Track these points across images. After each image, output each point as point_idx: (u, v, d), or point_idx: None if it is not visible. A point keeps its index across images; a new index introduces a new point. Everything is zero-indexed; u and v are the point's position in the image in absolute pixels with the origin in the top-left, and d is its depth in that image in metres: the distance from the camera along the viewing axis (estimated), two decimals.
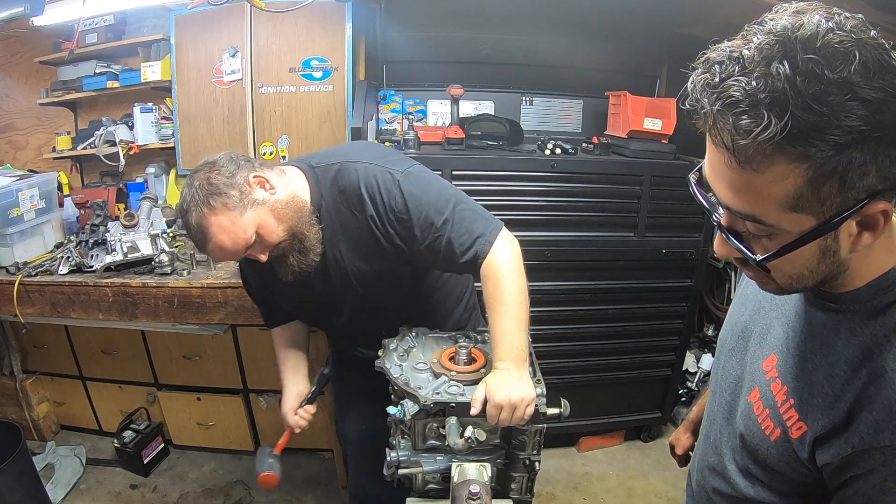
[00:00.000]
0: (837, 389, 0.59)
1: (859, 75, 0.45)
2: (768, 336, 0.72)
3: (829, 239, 0.53)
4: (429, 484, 1.18)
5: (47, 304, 1.86)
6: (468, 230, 1.17)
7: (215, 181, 1.12)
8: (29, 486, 1.98)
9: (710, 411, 0.86)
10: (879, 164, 0.47)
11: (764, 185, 0.50)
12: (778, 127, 0.45)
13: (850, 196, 0.49)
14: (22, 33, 2.44)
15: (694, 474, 0.91)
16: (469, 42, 2.43)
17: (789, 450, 0.65)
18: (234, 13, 2.25)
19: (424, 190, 1.17)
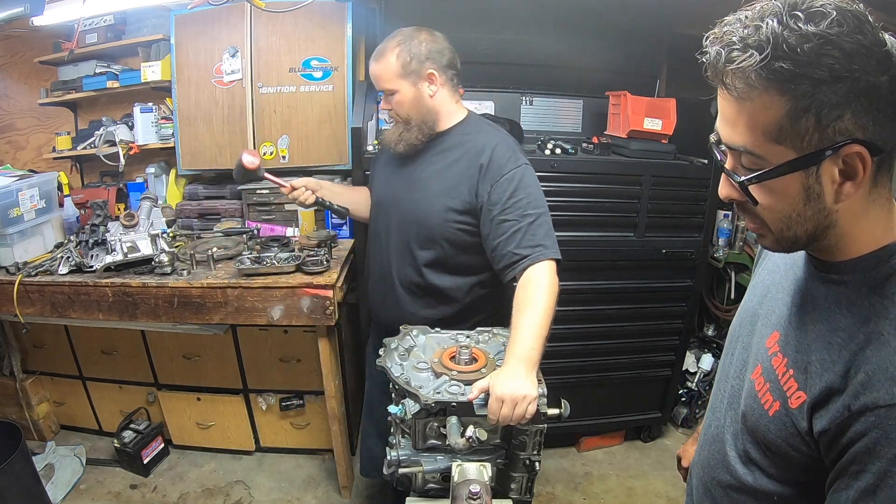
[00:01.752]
0: (835, 355, 0.61)
1: (835, 29, 0.52)
2: (773, 315, 0.75)
3: (811, 178, 0.58)
4: (429, 483, 1.18)
5: (47, 304, 1.86)
6: (540, 237, 1.36)
7: (411, 47, 1.44)
8: (29, 486, 1.98)
9: (713, 402, 0.88)
10: (854, 110, 0.53)
11: (751, 114, 0.57)
12: (758, 58, 0.54)
13: (828, 136, 0.55)
14: (22, 33, 2.44)
15: (694, 470, 0.93)
16: (469, 42, 2.42)
17: (788, 424, 0.66)
18: (234, 13, 2.25)
19: (534, 186, 1.40)
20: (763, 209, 0.63)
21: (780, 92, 0.55)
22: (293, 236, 2.17)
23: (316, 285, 1.84)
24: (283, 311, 1.84)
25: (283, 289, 1.83)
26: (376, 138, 2.20)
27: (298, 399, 2.32)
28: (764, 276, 0.82)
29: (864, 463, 0.58)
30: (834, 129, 0.55)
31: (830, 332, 0.63)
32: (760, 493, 0.73)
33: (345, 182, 2.41)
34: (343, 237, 2.27)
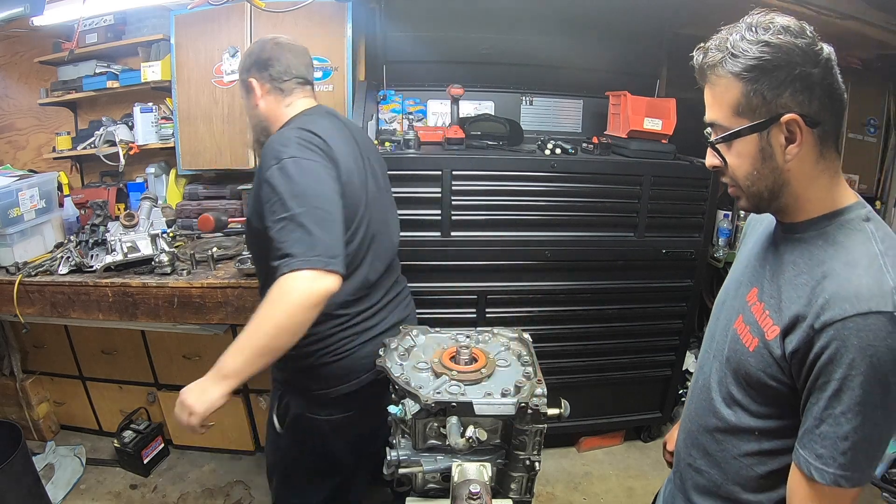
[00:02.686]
0: (800, 291, 0.77)
1: (775, 37, 0.73)
2: (752, 277, 0.91)
3: (763, 141, 0.77)
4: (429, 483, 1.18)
5: (47, 304, 1.86)
6: (288, 244, 1.11)
7: (241, 61, 1.43)
8: (29, 486, 1.98)
9: (701, 360, 1.01)
10: (792, 90, 0.73)
11: (719, 96, 0.79)
12: (719, 55, 0.76)
13: (773, 108, 0.75)
14: (22, 33, 2.44)
15: (682, 427, 1.05)
16: (469, 42, 2.43)
17: (766, 355, 0.80)
18: (234, 13, 2.25)
19: (291, 181, 1.15)
20: (733, 169, 0.82)
21: (737, 79, 0.75)
22: None
23: None
24: None
25: None
26: (376, 138, 2.20)
27: None
28: (745, 250, 0.99)
29: (829, 373, 0.71)
30: (776, 104, 0.74)
31: (796, 276, 0.79)
32: (742, 430, 0.86)
33: None
34: None
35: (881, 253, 0.72)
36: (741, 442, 0.87)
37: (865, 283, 0.70)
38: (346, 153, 1.29)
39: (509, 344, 1.38)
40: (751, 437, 0.86)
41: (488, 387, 1.17)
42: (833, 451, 0.72)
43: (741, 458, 0.88)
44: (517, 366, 1.28)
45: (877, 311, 0.68)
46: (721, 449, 0.91)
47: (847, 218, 0.78)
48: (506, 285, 2.20)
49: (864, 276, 0.71)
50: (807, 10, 2.04)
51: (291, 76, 1.39)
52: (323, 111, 1.41)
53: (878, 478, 2.38)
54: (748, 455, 0.86)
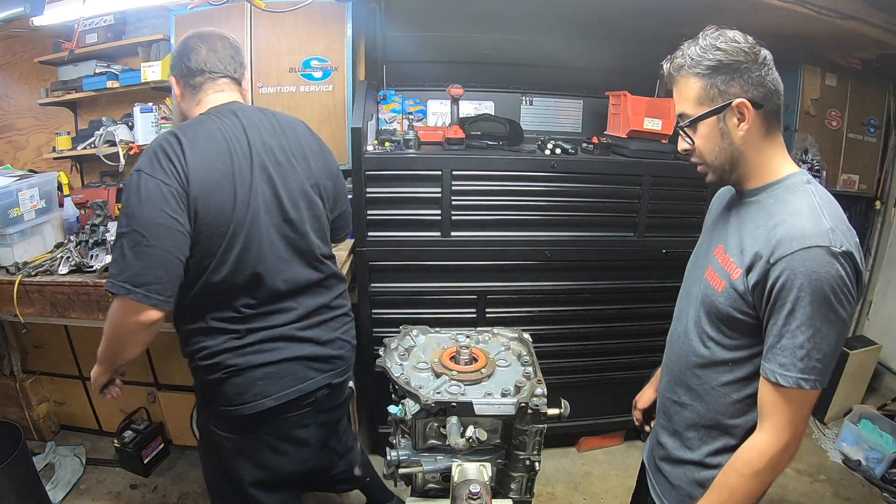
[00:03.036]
0: (758, 238, 0.96)
1: (724, 44, 0.96)
2: (717, 237, 1.10)
3: (721, 123, 0.98)
4: (429, 483, 1.18)
5: (47, 304, 1.86)
6: (112, 267, 1.13)
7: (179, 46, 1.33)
8: (29, 486, 1.98)
9: (677, 312, 1.20)
10: (739, 82, 0.95)
11: (684, 90, 1.00)
12: (684, 61, 0.98)
13: (726, 96, 0.96)
14: (22, 33, 2.44)
15: (664, 373, 1.22)
16: (469, 42, 2.43)
17: (732, 292, 0.99)
18: (234, 13, 2.25)
19: (128, 199, 1.13)
20: (699, 147, 1.02)
21: (698, 77, 0.98)
22: None
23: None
24: None
25: None
26: (376, 138, 2.20)
27: None
28: (710, 220, 1.20)
29: (784, 297, 0.90)
30: (728, 93, 0.96)
31: (754, 229, 0.98)
32: (718, 363, 1.04)
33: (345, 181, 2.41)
34: None
35: (819, 206, 0.92)
36: (718, 374, 1.05)
37: (808, 226, 0.89)
38: (212, 166, 1.17)
39: (509, 344, 1.38)
40: (725, 368, 1.04)
41: (488, 387, 1.17)
42: (793, 359, 0.90)
43: (719, 388, 1.05)
44: (517, 366, 1.28)
45: (817, 245, 0.87)
46: (702, 383, 1.08)
47: (792, 182, 0.98)
48: (506, 285, 2.20)
49: (806, 222, 0.90)
50: (807, 10, 2.04)
51: (204, 71, 1.28)
52: (227, 110, 1.27)
53: (878, 478, 2.38)
54: (725, 385, 1.04)
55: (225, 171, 1.18)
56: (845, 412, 2.75)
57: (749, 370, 1.01)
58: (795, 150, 2.69)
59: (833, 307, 0.87)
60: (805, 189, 0.96)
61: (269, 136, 1.28)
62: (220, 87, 1.31)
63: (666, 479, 1.17)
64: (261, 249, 1.22)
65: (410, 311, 2.17)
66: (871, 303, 3.10)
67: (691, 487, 1.11)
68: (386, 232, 2.11)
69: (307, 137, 1.38)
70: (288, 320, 1.28)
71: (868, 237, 3.05)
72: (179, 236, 1.12)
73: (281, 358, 1.27)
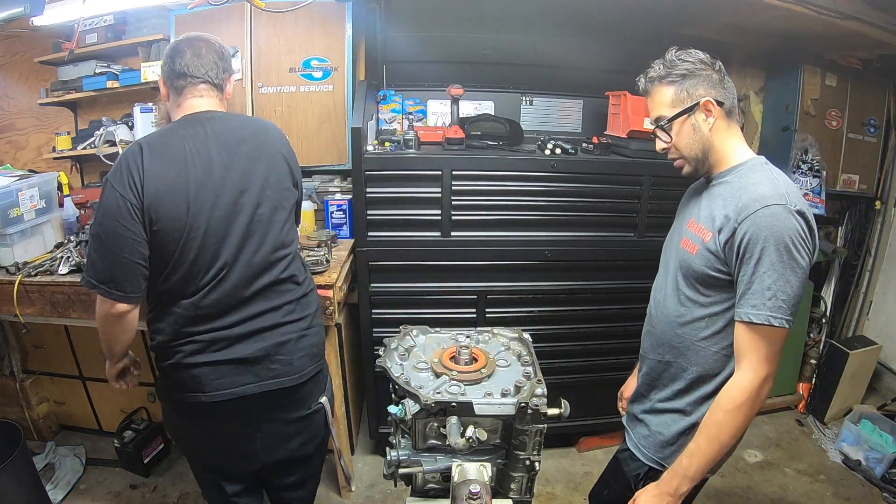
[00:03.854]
0: (726, 207, 1.13)
1: (687, 56, 1.18)
2: (690, 213, 1.27)
3: (692, 119, 1.18)
4: (429, 483, 1.18)
5: (47, 304, 1.86)
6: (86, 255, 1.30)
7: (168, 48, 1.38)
8: (29, 486, 1.98)
9: (657, 284, 1.37)
10: (703, 85, 1.16)
11: (658, 97, 1.21)
12: (658, 74, 1.20)
13: (694, 97, 1.17)
14: (22, 33, 2.44)
15: (647, 340, 1.37)
16: (469, 42, 2.43)
17: (706, 252, 1.15)
18: (234, 13, 2.25)
19: (100, 199, 1.24)
20: (677, 143, 1.21)
21: (670, 85, 1.18)
22: None
23: (316, 285, 1.84)
24: None
25: None
26: (376, 138, 2.20)
27: None
28: (682, 210, 1.36)
29: (751, 249, 1.06)
30: (696, 94, 1.17)
31: (724, 200, 1.15)
32: (696, 320, 1.21)
33: (345, 182, 2.41)
34: (343, 237, 2.27)
35: (775, 177, 1.11)
36: (697, 330, 1.21)
37: (767, 191, 1.07)
38: (168, 176, 1.22)
39: (509, 344, 1.38)
40: (702, 324, 1.20)
41: (488, 387, 1.17)
42: (762, 299, 1.05)
43: (698, 343, 1.21)
44: (517, 366, 1.28)
45: (776, 203, 1.05)
46: (682, 340, 1.23)
47: (752, 163, 1.17)
48: (506, 285, 2.20)
49: (766, 187, 1.08)
50: (807, 10, 2.05)
51: (186, 75, 1.33)
52: (196, 119, 1.31)
53: (878, 478, 2.38)
54: (703, 339, 1.20)
55: (178, 181, 1.23)
56: (845, 412, 2.75)
57: (723, 323, 1.17)
58: (795, 149, 2.68)
59: (793, 255, 1.03)
60: (764, 168, 1.15)
61: (235, 145, 1.31)
62: (200, 93, 1.35)
63: (647, 426, 1.33)
64: (216, 254, 1.27)
65: (410, 311, 2.17)
66: (872, 303, 3.10)
67: (670, 433, 1.27)
68: (386, 232, 2.11)
69: (274, 147, 1.38)
70: (234, 321, 1.31)
71: (868, 237, 3.06)
72: (134, 243, 1.21)
73: (221, 359, 1.30)
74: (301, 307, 1.41)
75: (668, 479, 1.16)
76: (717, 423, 1.11)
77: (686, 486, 1.14)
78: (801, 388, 2.89)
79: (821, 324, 2.88)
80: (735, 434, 1.12)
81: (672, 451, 1.26)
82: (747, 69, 2.85)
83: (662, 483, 1.17)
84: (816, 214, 2.66)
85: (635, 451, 1.35)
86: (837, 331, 3.17)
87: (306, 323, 1.42)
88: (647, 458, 1.32)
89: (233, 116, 1.39)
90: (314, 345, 1.44)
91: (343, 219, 2.28)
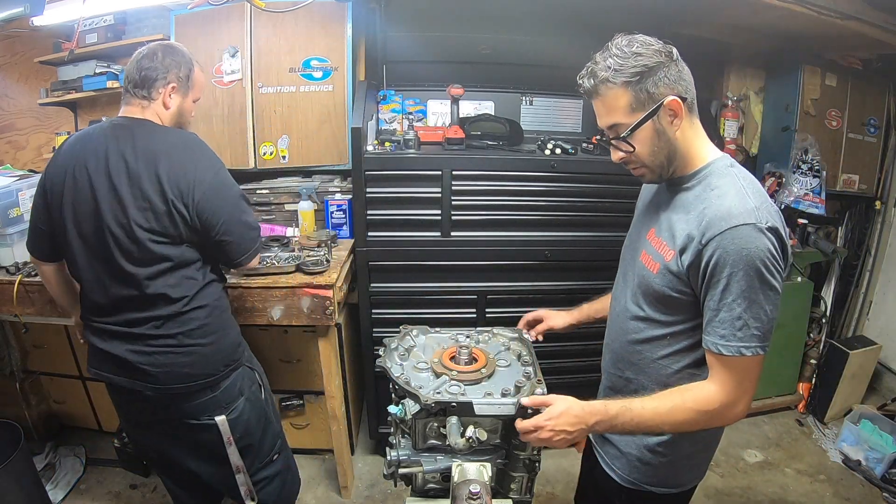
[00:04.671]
0: (690, 221, 1.01)
1: (638, 48, 0.98)
2: (648, 224, 1.15)
3: (656, 123, 1.00)
4: (429, 483, 1.18)
5: (47, 304, 1.86)
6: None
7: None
8: (29, 486, 1.98)
9: (615, 293, 1.27)
10: (663, 81, 0.98)
11: (612, 102, 1.01)
12: (605, 74, 0.99)
13: (655, 97, 0.98)
14: (22, 33, 2.44)
15: (606, 353, 1.27)
16: (469, 42, 2.43)
17: (667, 273, 1.04)
18: (233, 13, 2.25)
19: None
20: (639, 152, 1.04)
21: (625, 87, 0.98)
22: (293, 236, 2.17)
23: (316, 285, 1.84)
24: (283, 311, 1.84)
25: (283, 289, 1.83)
26: (376, 138, 2.20)
27: (298, 399, 2.32)
28: (640, 207, 1.26)
29: (718, 273, 0.94)
30: (657, 92, 0.98)
31: (685, 214, 1.03)
32: (656, 338, 1.10)
33: (345, 182, 2.41)
34: (343, 237, 2.27)
35: (743, 186, 0.98)
36: (657, 348, 1.11)
37: (735, 206, 0.95)
38: (56, 178, 1.36)
39: (509, 344, 1.38)
40: (664, 342, 1.10)
41: (488, 387, 1.17)
42: (732, 329, 0.95)
43: (659, 361, 1.11)
44: (517, 366, 1.28)
45: (744, 223, 0.92)
46: (641, 357, 1.14)
47: (716, 166, 1.04)
48: (506, 285, 2.20)
49: (733, 202, 0.95)
50: (807, 10, 2.04)
51: (125, 83, 1.41)
52: (96, 126, 1.39)
53: (878, 478, 2.38)
54: (664, 357, 1.10)
55: (58, 178, 1.35)
56: (845, 412, 2.75)
57: (687, 343, 1.07)
58: (795, 149, 2.68)
59: (765, 278, 0.93)
60: (729, 172, 1.02)
61: (129, 156, 1.32)
62: (128, 101, 1.42)
63: (616, 447, 1.23)
64: (74, 259, 1.39)
65: (410, 311, 2.17)
66: (872, 303, 3.10)
67: (640, 452, 1.17)
68: (386, 232, 2.11)
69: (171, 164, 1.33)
70: (107, 322, 1.42)
71: (868, 237, 3.05)
72: (37, 216, 1.43)
73: (97, 349, 1.45)
74: (173, 323, 1.40)
75: (592, 411, 1.04)
76: (672, 410, 1.01)
77: (601, 428, 1.06)
78: (801, 388, 2.88)
79: (821, 324, 2.88)
80: (678, 429, 1.06)
81: (647, 470, 1.18)
82: (747, 69, 2.85)
83: (586, 411, 1.04)
84: (816, 214, 2.69)
85: (610, 473, 1.25)
86: (837, 331, 3.17)
87: (179, 342, 1.41)
88: (623, 479, 1.22)
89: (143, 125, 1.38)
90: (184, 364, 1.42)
91: (343, 219, 2.28)
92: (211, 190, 1.36)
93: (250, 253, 1.49)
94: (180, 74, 1.44)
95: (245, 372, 1.56)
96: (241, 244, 1.46)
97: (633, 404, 1.03)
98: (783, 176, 2.71)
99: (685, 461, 1.18)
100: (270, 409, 1.68)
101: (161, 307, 1.38)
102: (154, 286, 1.36)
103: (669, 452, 1.15)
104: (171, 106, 1.44)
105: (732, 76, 2.84)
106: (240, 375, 1.53)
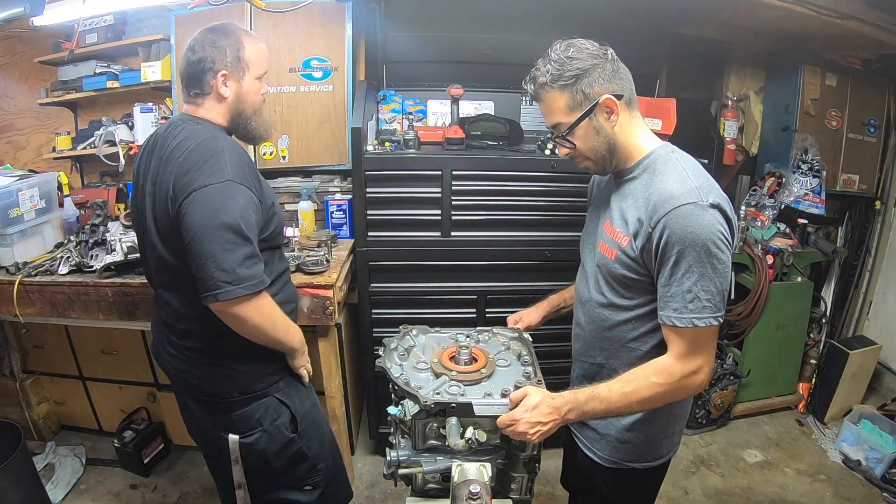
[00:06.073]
0: (639, 207, 1.08)
1: (573, 52, 1.07)
2: (604, 214, 1.22)
3: (594, 121, 1.09)
4: (429, 484, 1.18)
5: (47, 304, 1.86)
6: None
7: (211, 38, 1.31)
8: (29, 486, 1.98)
9: (579, 285, 1.35)
10: (598, 81, 1.07)
11: (552, 104, 1.11)
12: (544, 79, 1.10)
13: (591, 97, 1.07)
14: (22, 33, 2.44)
15: (577, 342, 1.34)
16: (469, 42, 2.42)
17: (624, 257, 1.11)
18: (234, 13, 2.25)
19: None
20: (581, 148, 1.13)
21: (562, 90, 1.08)
22: (293, 236, 2.17)
23: (316, 285, 1.84)
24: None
25: None
26: (376, 138, 2.20)
27: None
28: (594, 202, 1.35)
29: (668, 252, 1.01)
30: (592, 93, 1.07)
31: (634, 202, 1.11)
32: (622, 322, 1.17)
33: (345, 182, 2.41)
34: (343, 237, 2.27)
35: (684, 168, 1.06)
36: (624, 332, 1.18)
37: (676, 188, 1.02)
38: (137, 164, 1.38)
39: (509, 344, 1.38)
40: (629, 325, 1.16)
41: (488, 387, 1.17)
42: (683, 302, 1.02)
43: (627, 344, 1.18)
44: (517, 366, 1.28)
45: (687, 202, 0.99)
46: (611, 343, 1.21)
47: (658, 154, 1.11)
48: (506, 285, 2.20)
49: (674, 185, 1.03)
50: (807, 10, 2.04)
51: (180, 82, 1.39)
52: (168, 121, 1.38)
53: (878, 478, 2.38)
54: (632, 340, 1.17)
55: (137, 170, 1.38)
56: (845, 412, 2.75)
57: (650, 324, 1.14)
58: (795, 150, 2.68)
59: (711, 252, 0.99)
60: (671, 158, 1.09)
61: (159, 152, 1.28)
62: (185, 98, 1.36)
63: (595, 430, 1.27)
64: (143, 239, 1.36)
65: (410, 311, 2.17)
66: (872, 303, 3.10)
67: (619, 433, 1.22)
68: (386, 232, 2.11)
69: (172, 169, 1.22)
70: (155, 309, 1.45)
71: (868, 237, 3.06)
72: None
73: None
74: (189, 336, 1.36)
75: (564, 401, 1.07)
76: (637, 388, 1.06)
77: (573, 417, 1.08)
78: (801, 388, 2.88)
79: (821, 324, 2.88)
80: (647, 406, 1.10)
81: (626, 448, 1.23)
82: (747, 69, 2.85)
83: (558, 400, 1.06)
84: (816, 214, 2.70)
85: (591, 455, 1.29)
86: (837, 331, 3.17)
87: (201, 352, 1.35)
88: (605, 460, 1.26)
89: (180, 124, 1.29)
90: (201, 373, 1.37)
91: (343, 219, 2.28)
92: (199, 197, 1.15)
93: (210, 294, 1.14)
94: (227, 59, 1.27)
95: (272, 404, 1.40)
96: (202, 279, 1.15)
97: (599, 389, 1.08)
98: (783, 176, 2.71)
99: (661, 433, 1.23)
100: (313, 444, 1.51)
101: (184, 321, 1.34)
102: (172, 292, 1.37)
103: (646, 428, 1.21)
104: (227, 95, 1.30)
105: (732, 76, 2.85)
106: (262, 406, 1.38)
